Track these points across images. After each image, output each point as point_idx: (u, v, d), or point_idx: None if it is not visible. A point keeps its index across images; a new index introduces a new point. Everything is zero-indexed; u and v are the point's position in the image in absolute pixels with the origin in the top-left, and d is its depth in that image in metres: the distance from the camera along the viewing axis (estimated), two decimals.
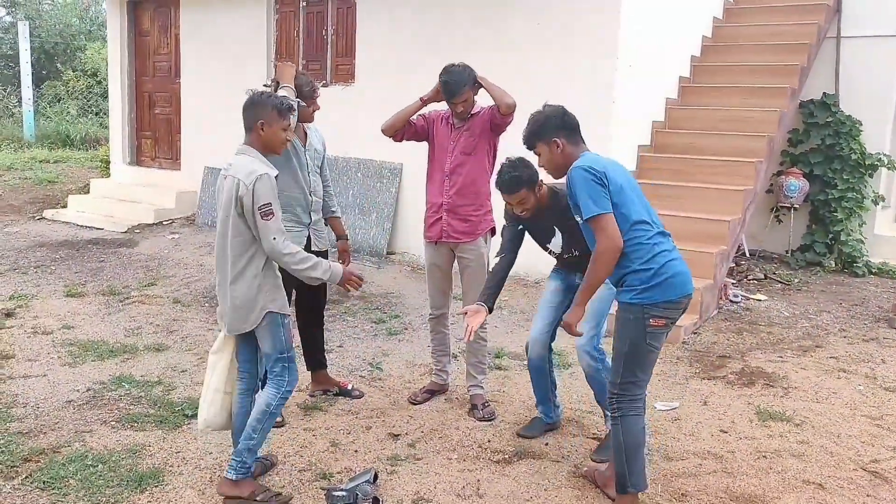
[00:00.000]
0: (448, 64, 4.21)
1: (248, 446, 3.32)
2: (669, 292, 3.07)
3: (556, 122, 3.30)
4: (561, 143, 3.27)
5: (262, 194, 3.17)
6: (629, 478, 3.17)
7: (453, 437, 4.02)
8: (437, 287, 4.44)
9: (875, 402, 4.52)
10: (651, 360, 3.18)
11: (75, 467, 3.58)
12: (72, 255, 8.07)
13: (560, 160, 3.29)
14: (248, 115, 3.32)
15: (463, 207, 4.26)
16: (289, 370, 3.36)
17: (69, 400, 4.39)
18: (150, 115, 10.70)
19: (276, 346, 3.33)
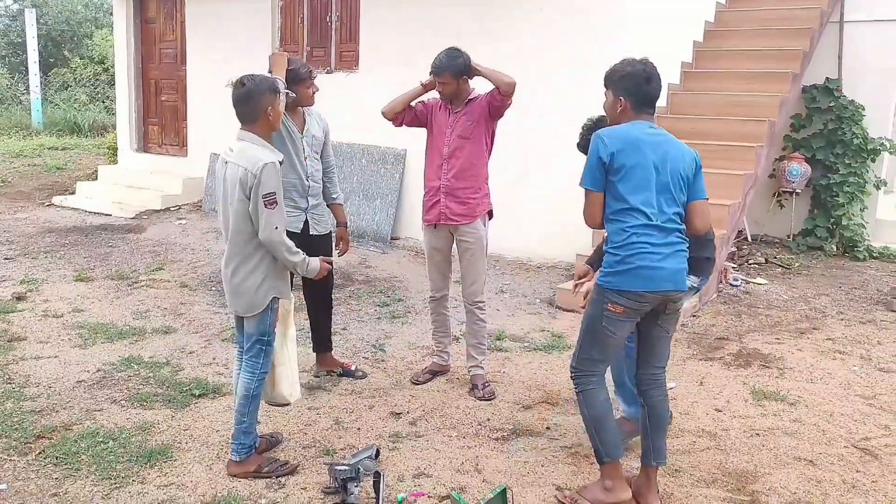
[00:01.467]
0: (450, 47, 4.29)
1: (242, 429, 3.44)
2: (631, 283, 3.05)
3: (630, 83, 3.19)
4: (623, 104, 3.20)
5: (267, 183, 3.22)
6: (602, 448, 3.21)
7: (453, 415, 4.12)
8: (437, 270, 4.53)
9: (868, 382, 4.60)
10: (609, 345, 3.18)
11: (87, 444, 3.70)
12: (81, 241, 8.19)
13: (614, 115, 3.26)
14: (251, 106, 3.30)
15: (461, 190, 4.33)
16: (264, 353, 3.43)
17: (80, 380, 4.51)
18: (157, 102, 10.80)
19: (259, 328, 3.41)
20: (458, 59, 4.22)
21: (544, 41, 7.22)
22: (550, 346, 5.20)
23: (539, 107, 7.29)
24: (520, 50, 7.32)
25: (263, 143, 3.35)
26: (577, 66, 7.09)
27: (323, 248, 4.36)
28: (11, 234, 8.38)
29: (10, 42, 21.88)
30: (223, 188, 3.39)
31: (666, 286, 3.07)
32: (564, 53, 7.11)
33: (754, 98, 7.27)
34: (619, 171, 3.07)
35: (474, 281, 4.41)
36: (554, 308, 6.10)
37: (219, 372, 4.65)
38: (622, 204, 3.08)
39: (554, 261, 7.25)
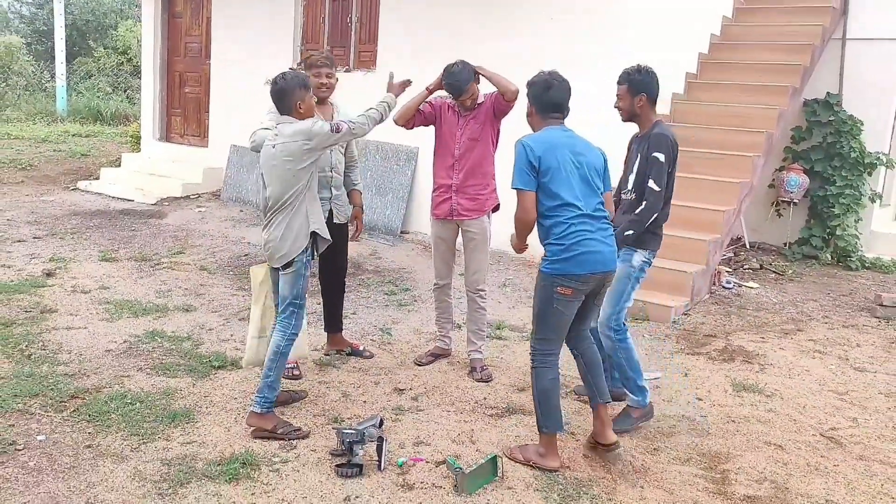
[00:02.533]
0: (447, 65, 4.55)
1: (267, 383, 3.82)
2: (577, 267, 3.49)
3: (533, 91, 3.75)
4: (529, 108, 3.76)
5: (324, 127, 3.74)
6: (542, 419, 3.61)
7: (453, 393, 4.45)
8: (442, 259, 4.86)
9: (843, 379, 4.90)
10: (561, 322, 3.60)
11: (116, 404, 4.06)
12: (105, 224, 8.56)
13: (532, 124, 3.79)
14: (283, 101, 3.79)
15: (471, 187, 4.67)
16: (296, 315, 3.86)
17: (108, 349, 4.87)
18: (180, 94, 11.18)
19: (293, 290, 3.84)
20: (467, 67, 4.52)
21: (553, 48, 7.53)
22: None
23: None
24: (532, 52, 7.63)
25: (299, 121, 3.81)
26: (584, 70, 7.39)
27: (342, 235, 4.71)
28: (39, 216, 8.77)
29: (36, 30, 22.39)
30: (271, 167, 3.82)
31: (606, 267, 3.57)
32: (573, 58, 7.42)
33: (754, 110, 7.57)
34: (547, 173, 3.51)
35: (477, 270, 4.74)
36: None
37: (236, 347, 5.00)
38: (556, 200, 3.52)
39: None
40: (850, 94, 8.48)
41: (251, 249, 7.65)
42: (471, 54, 7.90)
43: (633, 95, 4.05)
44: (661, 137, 3.97)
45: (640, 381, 4.07)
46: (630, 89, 4.06)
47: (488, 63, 4.73)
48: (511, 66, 7.66)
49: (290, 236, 3.79)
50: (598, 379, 3.73)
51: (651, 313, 5.94)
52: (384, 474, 3.48)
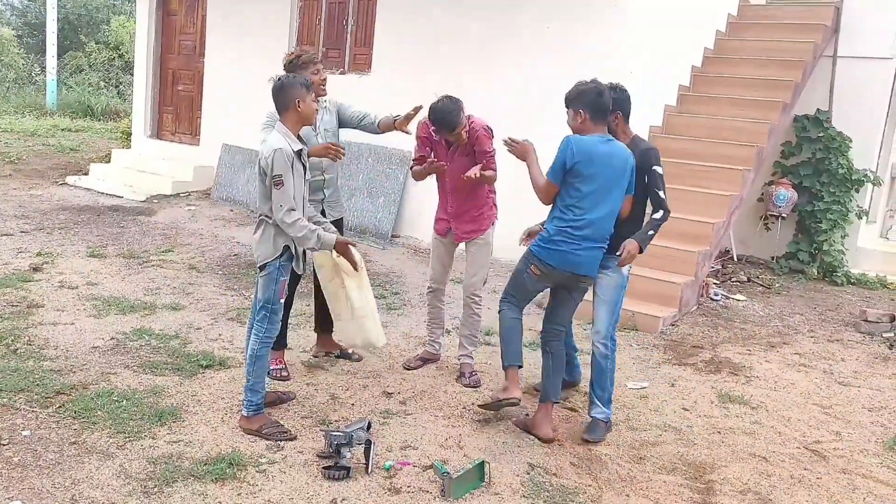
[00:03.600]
0: (432, 104, 4.43)
1: (248, 387, 3.84)
2: (550, 258, 3.92)
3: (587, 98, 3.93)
4: (583, 116, 3.91)
5: (276, 166, 3.69)
6: (505, 354, 4.10)
7: (441, 398, 4.45)
8: (439, 261, 4.89)
9: (828, 393, 4.94)
10: (525, 291, 4.15)
11: (103, 401, 4.03)
12: (93, 220, 8.52)
13: (576, 127, 3.96)
14: (282, 98, 3.78)
15: (467, 213, 4.73)
16: (269, 320, 3.86)
17: (95, 346, 4.84)
18: (173, 92, 11.14)
19: (265, 294, 3.84)
20: (454, 102, 4.41)
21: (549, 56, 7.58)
22: (536, 344, 5.50)
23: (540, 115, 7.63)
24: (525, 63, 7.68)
25: (287, 134, 3.78)
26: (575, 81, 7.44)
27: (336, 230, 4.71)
28: (27, 210, 8.71)
29: (27, 23, 22.26)
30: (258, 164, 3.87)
31: (577, 270, 3.94)
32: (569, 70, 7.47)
33: (745, 124, 7.64)
34: (576, 176, 3.83)
35: (476, 273, 4.76)
36: (542, 309, 6.41)
37: (224, 347, 4.98)
38: (571, 200, 3.86)
39: None
40: (840, 111, 8.58)
41: (241, 249, 7.63)
42: (466, 60, 7.98)
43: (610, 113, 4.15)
44: (653, 151, 4.19)
45: (611, 395, 4.24)
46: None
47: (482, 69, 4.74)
48: (507, 73, 7.76)
49: (264, 241, 3.82)
50: (556, 379, 4.15)
51: (639, 323, 5.97)
52: (371, 477, 3.49)
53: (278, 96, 3.81)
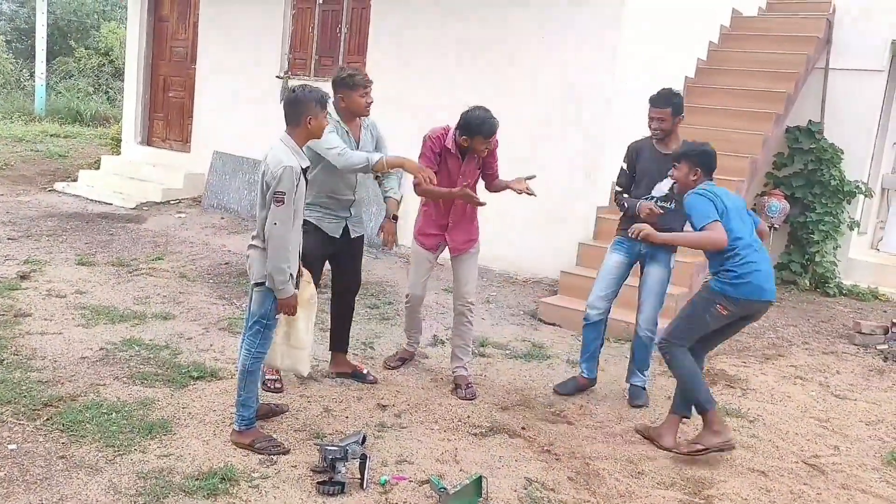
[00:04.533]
0: (469, 113, 4.42)
1: (240, 402, 3.76)
2: (743, 291, 3.95)
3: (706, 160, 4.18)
4: (697, 174, 4.16)
5: (283, 183, 3.55)
6: (702, 399, 4.04)
7: (436, 411, 4.39)
8: (419, 275, 4.85)
9: (824, 406, 4.92)
10: (700, 331, 4.10)
11: (91, 414, 3.95)
12: (82, 227, 8.42)
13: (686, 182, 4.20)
14: (294, 111, 3.66)
15: (463, 223, 4.72)
16: (263, 335, 3.75)
17: (83, 356, 4.75)
18: (164, 98, 11.06)
19: (260, 309, 3.73)
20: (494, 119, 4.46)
21: (545, 68, 7.56)
22: (530, 355, 5.49)
23: (535, 127, 7.62)
24: (522, 73, 7.67)
25: (295, 148, 3.67)
26: (569, 91, 7.44)
27: (356, 248, 4.68)
28: (14, 216, 8.60)
29: (17, 27, 22.10)
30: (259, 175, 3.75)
31: (767, 295, 4.03)
32: (564, 80, 7.47)
33: (739, 135, 7.64)
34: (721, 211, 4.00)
35: (468, 281, 4.73)
36: (536, 320, 6.40)
37: (216, 357, 4.91)
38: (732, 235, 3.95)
39: (539, 276, 7.55)
40: (832, 123, 8.62)
41: (232, 258, 7.55)
42: (461, 69, 7.95)
43: (675, 116, 4.67)
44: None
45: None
46: (673, 112, 4.67)
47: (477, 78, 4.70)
48: (502, 82, 7.73)
49: (259, 262, 3.69)
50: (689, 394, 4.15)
51: None
52: (367, 493, 3.42)
53: (291, 109, 3.69)
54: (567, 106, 7.50)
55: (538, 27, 7.62)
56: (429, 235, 4.76)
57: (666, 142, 4.72)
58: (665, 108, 4.65)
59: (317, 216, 4.42)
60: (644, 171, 4.76)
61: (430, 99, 7.88)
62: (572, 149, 7.46)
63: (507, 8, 7.81)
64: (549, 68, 7.56)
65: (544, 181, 7.82)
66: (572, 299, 6.48)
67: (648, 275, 4.72)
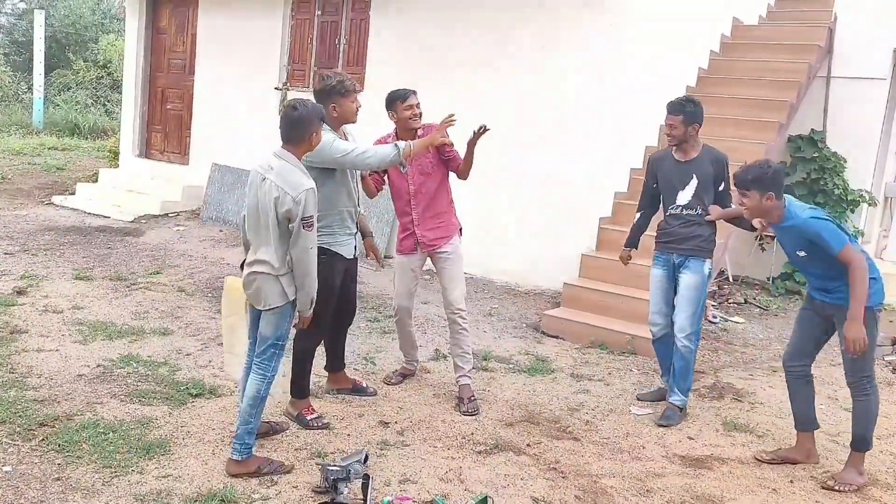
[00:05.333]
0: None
1: (247, 430, 3.60)
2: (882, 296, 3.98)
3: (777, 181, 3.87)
4: (773, 199, 3.84)
5: (309, 206, 3.45)
6: (870, 437, 4.00)
7: (439, 428, 4.31)
8: (405, 288, 4.79)
9: (834, 420, 4.83)
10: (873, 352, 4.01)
11: (88, 434, 3.87)
12: (79, 241, 8.34)
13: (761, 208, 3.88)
14: (299, 130, 3.52)
15: (431, 219, 4.64)
16: (276, 357, 3.65)
17: (80, 374, 4.67)
18: (162, 110, 11.01)
19: (277, 331, 3.62)
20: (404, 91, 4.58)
21: (545, 78, 7.52)
22: (534, 369, 5.41)
23: (534, 138, 7.57)
24: (519, 84, 7.62)
25: (300, 166, 3.56)
26: (572, 103, 7.39)
27: (356, 269, 4.53)
28: (11, 230, 8.53)
29: (14, 41, 22.10)
30: (258, 200, 3.54)
31: None
32: (562, 91, 7.42)
33: (741, 144, 7.57)
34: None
35: (455, 287, 4.66)
36: (539, 333, 6.32)
37: (215, 374, 4.83)
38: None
39: (541, 288, 7.48)
40: (834, 132, 8.56)
41: (231, 271, 7.46)
42: (460, 80, 7.91)
43: (688, 125, 4.60)
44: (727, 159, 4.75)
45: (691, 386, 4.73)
46: (685, 119, 4.58)
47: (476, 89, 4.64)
48: (502, 94, 7.68)
49: (270, 291, 3.54)
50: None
51: (638, 347, 5.86)
52: None
53: (295, 127, 3.53)
54: (567, 117, 7.45)
55: (538, 37, 7.58)
56: (404, 239, 4.71)
57: (684, 149, 4.69)
58: (676, 115, 4.62)
59: (329, 239, 4.11)
60: (665, 181, 4.76)
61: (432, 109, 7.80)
62: (574, 160, 7.41)
63: (508, 17, 7.78)
64: (549, 79, 7.51)
65: (546, 193, 7.81)
66: (575, 311, 6.41)
67: (679, 282, 4.68)
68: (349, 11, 9.00)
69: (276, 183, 3.47)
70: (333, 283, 4.13)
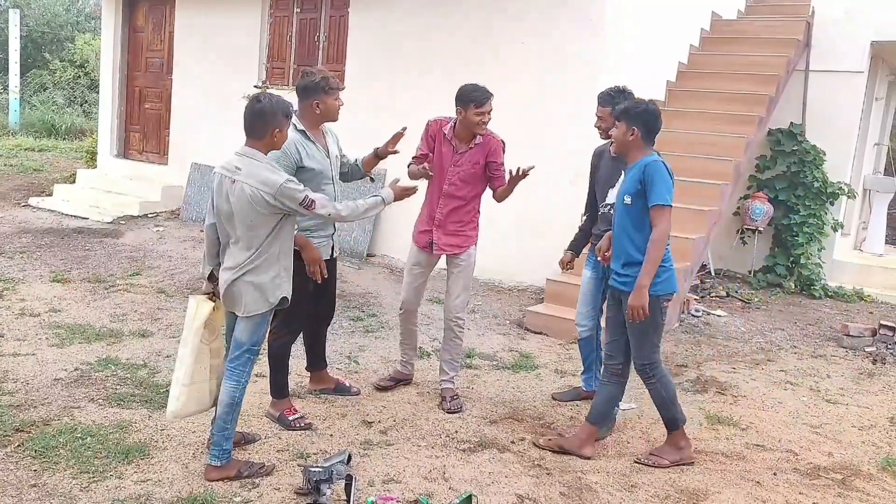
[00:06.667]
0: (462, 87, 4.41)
1: (224, 436, 3.53)
2: (673, 284, 3.93)
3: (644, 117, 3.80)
4: (635, 134, 3.80)
5: (295, 195, 3.38)
6: (679, 415, 4.01)
7: (423, 426, 4.28)
8: (413, 285, 4.66)
9: (816, 412, 4.85)
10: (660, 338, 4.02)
11: (65, 439, 3.80)
12: (57, 243, 8.22)
13: (627, 145, 3.85)
14: (260, 123, 3.41)
15: (453, 224, 4.54)
16: (251, 362, 3.59)
17: (57, 378, 4.60)
18: (140, 110, 10.88)
19: (252, 337, 3.55)
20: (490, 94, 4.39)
21: (526, 74, 7.49)
22: (518, 366, 5.39)
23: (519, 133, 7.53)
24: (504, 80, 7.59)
25: (268, 161, 3.47)
26: (555, 98, 7.37)
27: (335, 269, 4.43)
28: None
29: None
30: (231, 204, 3.43)
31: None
32: (547, 87, 7.40)
33: (721, 138, 7.62)
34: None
35: (458, 295, 4.59)
36: (523, 329, 6.31)
37: None
38: None
39: (525, 284, 7.46)
40: (813, 125, 8.63)
41: None
42: (441, 76, 7.86)
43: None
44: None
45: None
46: (613, 111, 4.22)
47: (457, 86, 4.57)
48: None
49: (251, 296, 3.46)
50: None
51: None
52: None
53: (256, 120, 3.41)
54: (549, 113, 7.44)
55: (518, 32, 7.56)
56: (421, 232, 4.60)
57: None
58: (605, 106, 4.41)
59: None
60: (599, 177, 4.55)
61: (414, 104, 7.77)
62: (555, 156, 7.39)
63: (488, 13, 7.75)
64: (529, 75, 7.49)
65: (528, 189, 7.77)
66: (558, 307, 6.40)
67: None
68: (328, 8, 8.93)
69: (248, 182, 3.37)
70: (307, 286, 4.05)
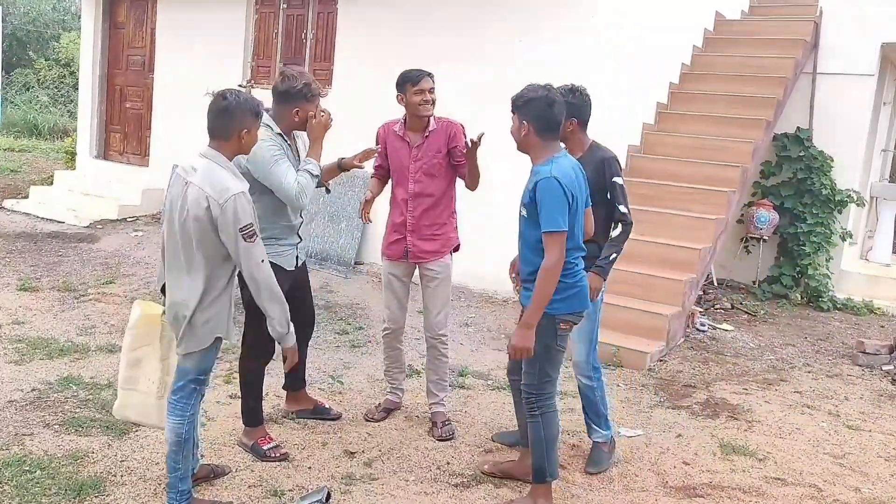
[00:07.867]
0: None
1: (178, 477, 3.13)
2: (580, 304, 3.35)
3: (533, 108, 3.28)
4: (526, 129, 3.30)
5: (242, 215, 2.95)
6: (549, 468, 3.38)
7: (411, 457, 3.90)
8: (395, 298, 4.26)
9: (838, 440, 4.49)
10: (560, 360, 3.41)
11: (11, 472, 3.42)
12: (29, 248, 7.82)
13: (524, 143, 3.35)
14: (224, 123, 3.02)
15: (427, 227, 4.13)
16: (197, 393, 3.17)
17: (11, 400, 4.21)
18: (121, 109, 10.48)
19: (200, 366, 3.15)
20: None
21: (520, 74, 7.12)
22: None
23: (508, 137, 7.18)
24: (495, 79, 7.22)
25: (229, 166, 3.07)
26: None
27: (306, 276, 4.08)
28: None
29: None
30: (179, 208, 3.02)
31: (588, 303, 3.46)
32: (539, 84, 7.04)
33: (728, 143, 7.26)
34: (573, 211, 3.23)
35: (439, 311, 4.21)
36: None
37: None
38: (570, 242, 3.22)
39: None
40: (820, 130, 8.26)
41: None
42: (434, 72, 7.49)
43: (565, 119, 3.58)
44: (614, 161, 3.87)
45: (608, 413, 4.01)
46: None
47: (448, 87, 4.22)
48: (473, 91, 7.28)
49: (191, 334, 3.04)
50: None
51: (625, 359, 5.50)
52: None
53: (221, 119, 3.01)
54: None
55: (513, 32, 7.21)
56: (393, 242, 4.18)
57: (568, 149, 3.63)
58: None
59: (271, 251, 3.52)
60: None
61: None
62: None
63: (482, 10, 7.39)
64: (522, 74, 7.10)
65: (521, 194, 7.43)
66: None
67: None
68: (316, 4, 8.55)
69: (200, 187, 2.96)
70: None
